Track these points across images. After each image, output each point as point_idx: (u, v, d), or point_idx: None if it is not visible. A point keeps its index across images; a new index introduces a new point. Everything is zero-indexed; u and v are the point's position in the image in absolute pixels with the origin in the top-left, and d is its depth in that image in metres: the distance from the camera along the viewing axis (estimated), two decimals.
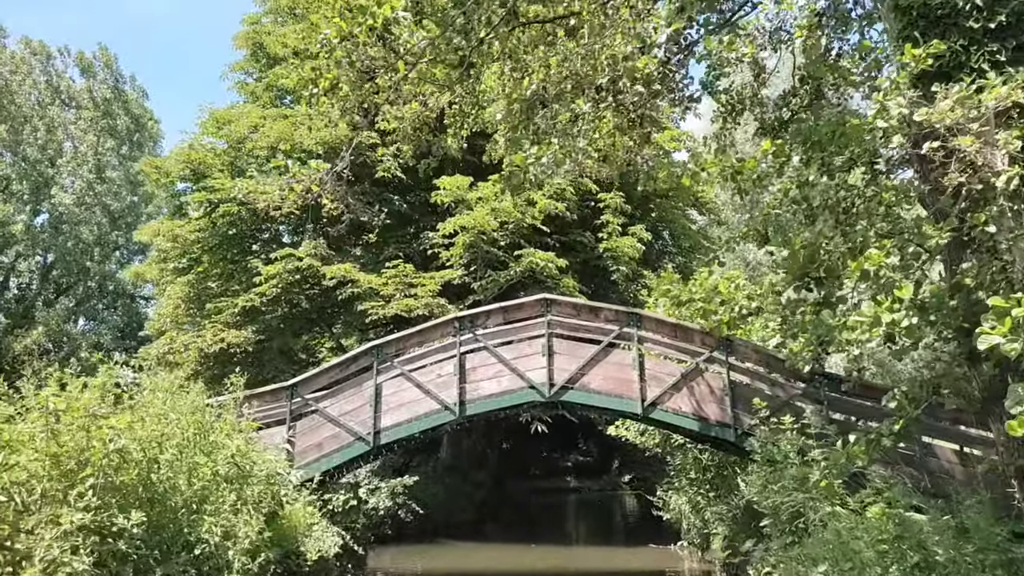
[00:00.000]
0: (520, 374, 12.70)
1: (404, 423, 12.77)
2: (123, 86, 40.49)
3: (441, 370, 12.93)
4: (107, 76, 39.61)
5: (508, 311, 13.03)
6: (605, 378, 12.63)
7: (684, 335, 12.74)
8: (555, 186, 19.89)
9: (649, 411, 12.44)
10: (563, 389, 12.63)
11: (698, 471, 16.17)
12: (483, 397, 12.75)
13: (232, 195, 20.43)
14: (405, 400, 12.87)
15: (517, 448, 43.55)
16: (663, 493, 19.29)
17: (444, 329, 13.13)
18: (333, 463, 12.73)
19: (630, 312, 12.82)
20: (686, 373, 12.47)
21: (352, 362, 13.14)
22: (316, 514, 12.33)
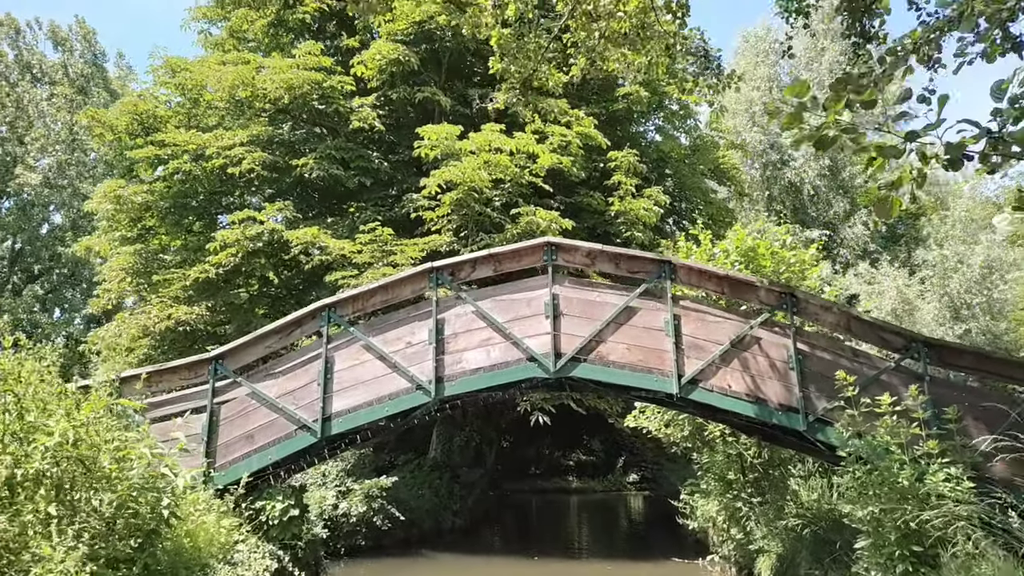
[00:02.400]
0: (516, 342, 9.31)
1: (363, 407, 9.36)
2: (104, 63, 37.22)
3: (412, 337, 9.53)
4: (85, 50, 36.32)
5: (500, 259, 9.62)
6: (629, 347, 9.23)
7: (734, 289, 9.32)
8: (559, 136, 16.50)
9: (687, 390, 9.03)
10: (573, 362, 9.23)
11: (737, 471, 12.73)
12: (467, 372, 9.35)
13: (184, 149, 17.07)
14: (364, 377, 9.46)
15: (517, 445, 40.25)
16: (688, 497, 15.85)
17: (416, 283, 9.72)
18: (268, 459, 9.32)
19: (661, 260, 9.40)
20: (737, 340, 9.06)
21: (295, 327, 9.73)
22: (241, 529, 8.92)
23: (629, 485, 38.69)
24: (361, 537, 15.79)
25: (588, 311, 9.38)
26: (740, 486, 12.43)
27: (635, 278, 9.62)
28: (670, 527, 22.47)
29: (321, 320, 9.63)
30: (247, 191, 19.46)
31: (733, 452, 12.14)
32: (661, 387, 9.11)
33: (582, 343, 9.21)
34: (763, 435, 10.63)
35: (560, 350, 9.26)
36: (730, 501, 12.61)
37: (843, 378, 8.12)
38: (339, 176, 17.00)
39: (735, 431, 12.24)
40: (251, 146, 17.18)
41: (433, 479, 20.14)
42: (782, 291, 9.17)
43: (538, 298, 9.49)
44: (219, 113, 18.52)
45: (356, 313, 9.69)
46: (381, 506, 16.07)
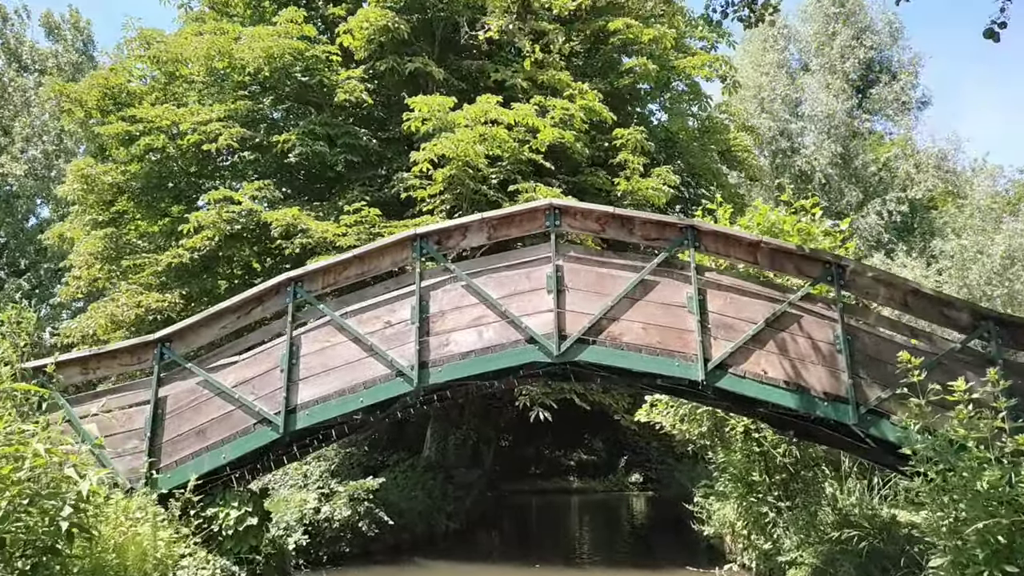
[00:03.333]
0: (513, 321, 7.82)
1: (333, 397, 7.86)
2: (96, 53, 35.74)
3: (392, 316, 8.03)
4: (76, 39, 34.89)
5: (495, 224, 8.13)
6: (646, 326, 7.73)
7: (769, 258, 7.83)
8: (561, 110, 15.02)
9: (715, 377, 7.54)
10: (580, 344, 7.74)
11: (762, 471, 11.24)
12: (456, 357, 7.85)
13: (157, 126, 15.61)
14: (336, 362, 7.96)
15: (516, 444, 38.76)
16: (702, 499, 14.34)
17: (397, 253, 8.22)
18: (221, 459, 7.83)
19: (683, 225, 7.91)
20: (773, 318, 7.57)
21: (255, 304, 8.23)
22: (188, 541, 7.42)
23: (631, 485, 37.27)
24: (346, 543, 14.27)
25: (597, 285, 7.89)
26: (765, 488, 10.93)
27: (653, 246, 8.13)
28: (678, 531, 20.93)
29: (286, 296, 8.14)
30: (231, 176, 17.99)
31: (758, 450, 10.63)
32: (684, 373, 7.61)
33: (591, 322, 7.72)
34: (798, 430, 9.13)
35: (564, 330, 7.77)
36: (753, 505, 11.11)
37: (906, 360, 6.63)
38: (323, 154, 15.50)
39: (760, 426, 10.75)
40: (229, 121, 15.70)
41: (427, 480, 18.62)
42: (827, 260, 7.68)
43: (539, 270, 8.00)
44: (196, 88, 17.04)
45: (327, 288, 8.20)
46: (368, 510, 14.56)
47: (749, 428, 10.64)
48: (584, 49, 17.93)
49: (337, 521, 14.17)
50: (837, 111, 27.25)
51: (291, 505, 14.11)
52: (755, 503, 11.11)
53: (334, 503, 14.42)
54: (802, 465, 10.32)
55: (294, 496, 14.39)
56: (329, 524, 14.15)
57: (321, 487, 14.62)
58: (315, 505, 14.16)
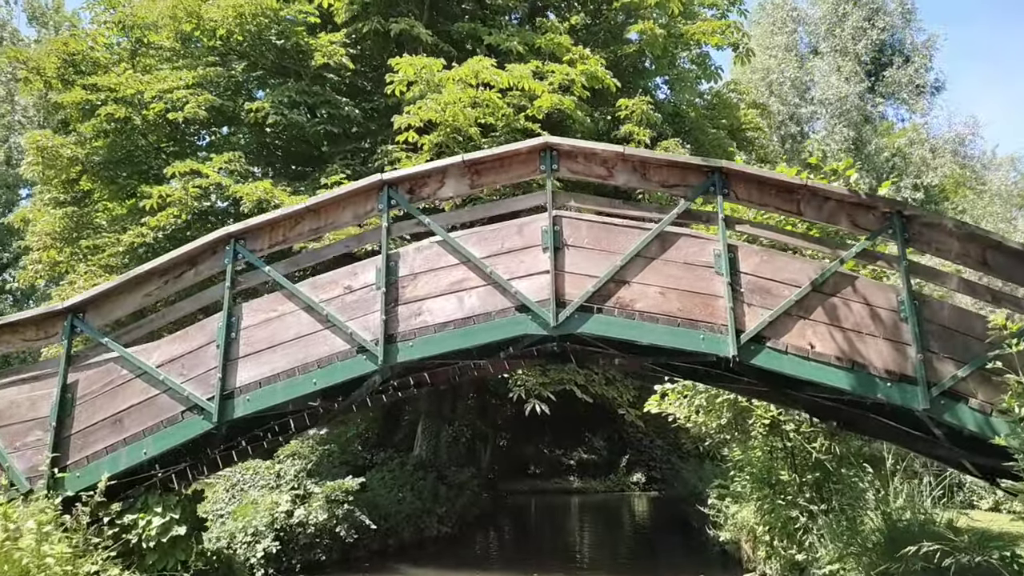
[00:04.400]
0: (501, 284, 6.28)
1: (281, 378, 6.32)
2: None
3: (353, 280, 6.49)
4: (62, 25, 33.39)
5: (479, 169, 6.57)
6: (664, 291, 6.19)
7: (816, 206, 6.28)
8: (561, 75, 13.49)
9: (750, 352, 6.00)
10: (582, 312, 6.19)
11: (792, 470, 9.69)
12: (431, 328, 6.30)
13: (121, 96, 14.10)
14: (284, 336, 6.42)
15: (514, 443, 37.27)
16: (717, 501, 12.80)
17: (359, 204, 6.66)
18: (142, 454, 6.28)
19: (710, 167, 6.35)
20: (821, 280, 6.03)
21: (187, 266, 6.69)
22: (95, 556, 5.87)
23: (633, 485, 35.77)
24: (322, 550, 12.73)
25: (604, 241, 6.35)
26: (796, 489, 9.38)
27: (672, 194, 6.60)
28: (686, 534, 19.34)
29: (224, 256, 6.60)
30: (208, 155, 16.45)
31: (787, 445, 9.09)
32: (711, 348, 6.06)
33: (596, 286, 6.18)
34: (842, 420, 7.57)
35: (564, 296, 6.23)
36: (780, 508, 9.56)
37: (999, 326, 5.11)
38: (301, 124, 13.99)
39: (790, 416, 9.21)
40: (197, 90, 14.19)
41: (416, 480, 17.07)
42: (888, 209, 6.14)
43: (533, 224, 6.46)
44: (165, 55, 15.52)
45: (275, 247, 6.66)
46: (347, 513, 13.02)
47: (777, 419, 9.10)
48: (587, 13, 16.44)
49: (312, 526, 12.63)
50: (849, 94, 25.73)
51: (260, 508, 12.58)
52: (782, 506, 9.56)
53: (310, 506, 12.88)
54: (843, 462, 8.77)
55: (265, 498, 12.86)
56: (303, 529, 12.62)
57: (295, 488, 13.08)
58: (288, 508, 12.63)
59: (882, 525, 7.97)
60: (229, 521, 12.40)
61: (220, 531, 12.17)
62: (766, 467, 10.98)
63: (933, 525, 7.81)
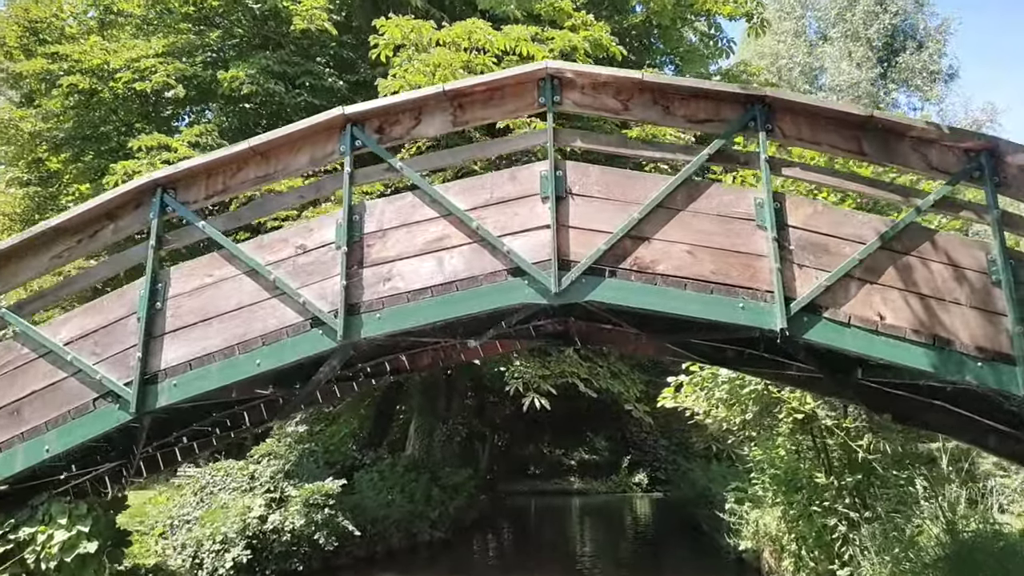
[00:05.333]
0: (491, 242, 4.98)
1: (216, 357, 5.02)
2: None
3: (307, 238, 5.20)
4: None
5: (464, 102, 5.27)
6: (693, 249, 4.89)
7: (882, 143, 4.98)
8: (562, 42, 12.18)
9: (802, 325, 4.70)
10: (591, 277, 4.90)
11: (827, 469, 8.39)
12: (403, 296, 5.00)
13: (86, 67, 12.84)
14: (222, 307, 5.13)
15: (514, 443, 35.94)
16: (736, 505, 11.49)
17: (317, 145, 5.35)
18: (43, 452, 4.98)
19: (748, 96, 5.06)
20: (892, 236, 4.74)
21: (105, 221, 5.39)
22: None
23: (635, 486, 34.49)
24: (299, 559, 11.43)
25: (618, 188, 5.06)
26: (833, 493, 8.07)
27: (702, 131, 5.32)
28: (695, 539, 18.00)
29: (150, 209, 5.31)
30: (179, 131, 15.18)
31: (828, 442, 7.79)
32: (753, 319, 4.76)
33: (608, 243, 4.89)
34: (900, 412, 6.26)
35: (568, 256, 4.94)
36: (814, 514, 8.25)
37: None
38: (279, 95, 12.72)
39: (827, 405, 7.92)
40: (168, 59, 12.93)
41: (408, 481, 15.76)
42: (975, 144, 4.84)
43: (530, 169, 5.17)
44: (136, 22, 14.24)
45: (212, 198, 5.36)
46: (328, 518, 11.71)
47: (813, 413, 7.79)
48: None
49: (288, 532, 11.33)
50: (860, 81, 24.43)
51: (231, 513, 11.29)
52: (818, 512, 8.25)
53: (286, 510, 11.59)
54: (895, 463, 7.47)
55: (236, 502, 11.57)
56: (278, 536, 11.31)
57: (271, 491, 11.78)
58: (261, 512, 11.33)
59: (943, 536, 6.67)
60: (196, 527, 11.11)
61: (186, 538, 10.89)
62: (791, 468, 9.70)
63: (1003, 537, 6.52)
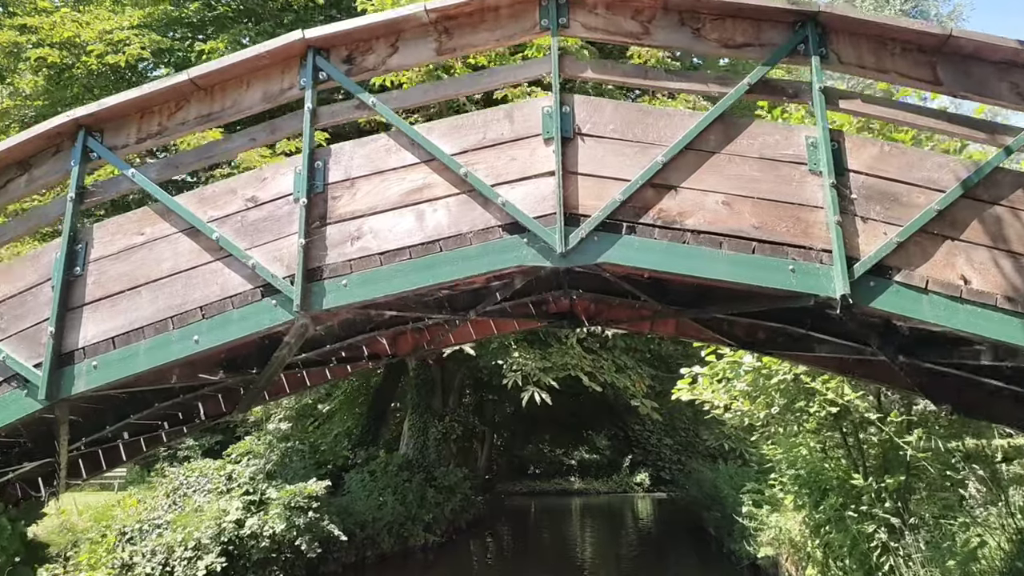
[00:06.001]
0: (482, 193, 4.04)
1: (145, 333, 4.08)
2: None
3: (259, 189, 4.25)
4: None
5: (451, 26, 4.28)
6: (731, 199, 3.95)
7: (963, 71, 4.04)
8: None
9: (868, 292, 3.75)
10: (605, 233, 3.95)
11: (864, 469, 7.43)
12: (375, 257, 4.05)
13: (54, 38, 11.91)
14: (153, 272, 4.18)
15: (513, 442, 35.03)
16: (754, 509, 10.53)
17: (273, 77, 4.36)
18: None
19: (797, 13, 4.12)
20: (976, 181, 3.80)
21: (15, 172, 4.44)
22: None
23: (636, 486, 33.59)
24: (279, 567, 10.46)
25: (638, 127, 4.11)
26: (872, 497, 7.11)
27: (740, 57, 4.39)
28: (702, 541, 17.05)
29: (71, 155, 4.36)
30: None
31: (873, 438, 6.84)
32: (807, 285, 3.81)
33: (626, 192, 3.94)
34: (959, 401, 5.30)
35: (577, 208, 4.00)
36: (852, 521, 7.29)
37: None
38: None
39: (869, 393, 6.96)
40: (143, 31, 12.00)
41: (400, 482, 14.81)
42: None
43: (530, 106, 4.23)
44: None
45: (146, 141, 4.41)
46: (311, 522, 10.76)
47: (851, 404, 6.83)
48: None
49: (267, 537, 10.38)
50: None
51: (206, 517, 10.34)
52: (852, 517, 7.29)
53: (266, 514, 10.64)
54: (943, 461, 6.52)
55: (211, 505, 10.62)
56: (256, 542, 10.36)
57: (249, 492, 10.82)
58: (238, 516, 10.38)
59: (1008, 547, 5.72)
60: (167, 532, 10.16)
61: (156, 543, 9.94)
62: (815, 468, 8.75)
63: None
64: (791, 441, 9.42)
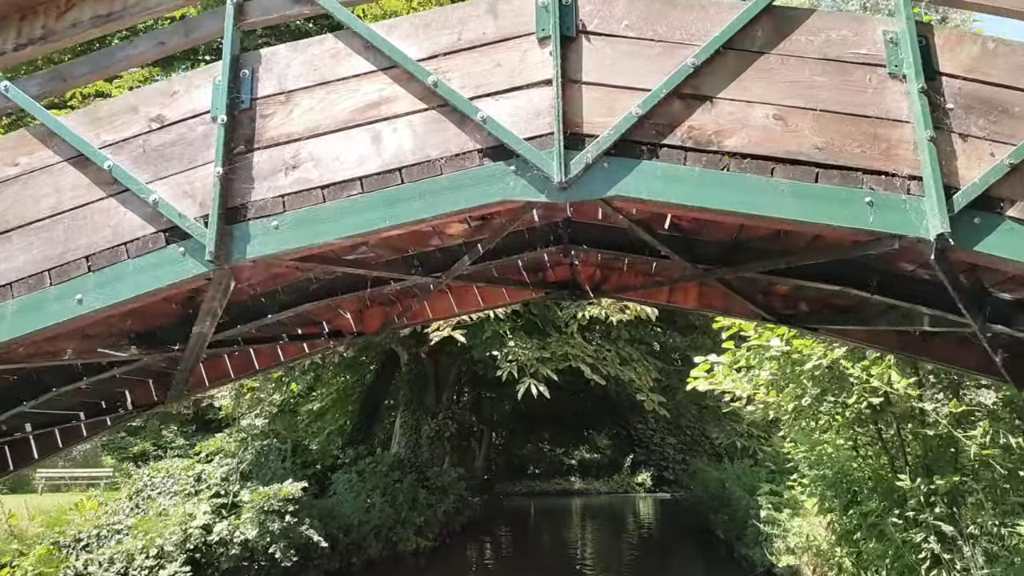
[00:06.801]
0: (457, 108, 3.04)
1: (13, 291, 3.09)
2: None
3: (168, 105, 3.26)
4: None
5: None
6: (784, 112, 2.95)
7: None
8: None
9: (971, 231, 2.75)
10: (618, 159, 2.95)
11: (909, 469, 6.43)
12: (317, 191, 3.06)
13: None
14: (28, 212, 3.19)
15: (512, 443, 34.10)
16: (775, 514, 9.52)
17: None
18: None
19: None
20: None
21: None
22: None
23: (638, 486, 32.68)
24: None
25: (659, 24, 3.11)
26: (921, 500, 6.11)
27: None
28: (708, 544, 16.07)
29: None
30: None
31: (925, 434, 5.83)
32: (889, 223, 2.82)
33: (646, 105, 2.95)
34: None
35: (580, 126, 3.01)
36: (895, 529, 6.28)
37: None
38: None
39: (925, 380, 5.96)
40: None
41: (390, 483, 13.80)
42: None
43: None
44: None
45: (25, 48, 3.42)
46: (287, 527, 9.76)
47: (897, 392, 5.82)
48: None
49: (238, 545, 9.38)
50: None
51: (171, 521, 9.34)
52: (896, 524, 6.29)
53: (238, 518, 9.64)
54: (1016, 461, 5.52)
55: (177, 508, 9.62)
56: (226, 549, 9.36)
57: (219, 495, 9.83)
58: (205, 521, 9.38)
59: None
60: (128, 538, 9.17)
61: (115, 551, 8.94)
62: (844, 467, 7.76)
63: None
64: (815, 438, 8.43)
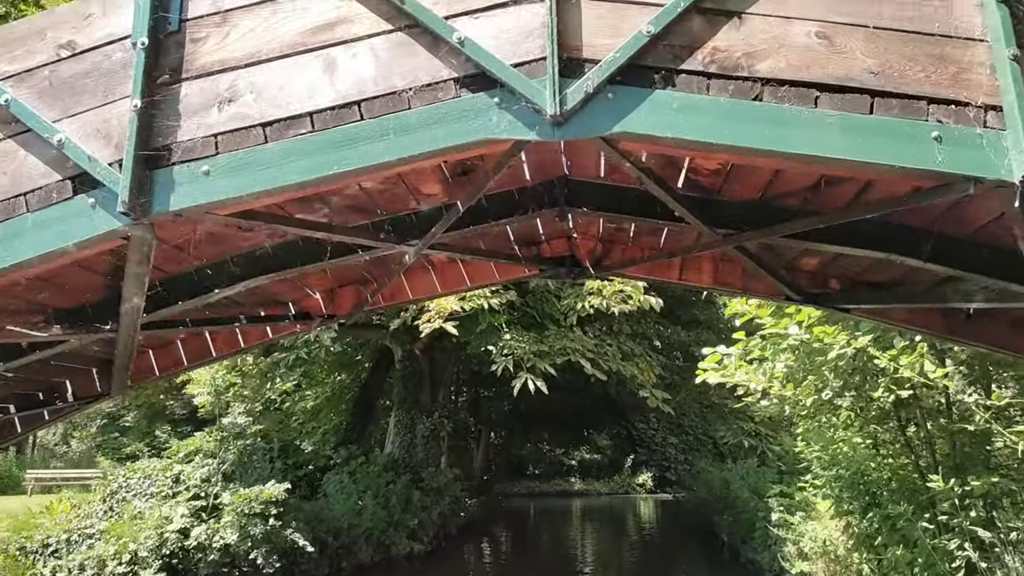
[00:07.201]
0: (427, 28, 2.47)
1: None
2: None
3: (80, 30, 2.69)
4: None
5: None
6: (828, 30, 2.39)
7: None
8: None
9: None
10: (625, 88, 2.39)
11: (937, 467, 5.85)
12: (257, 130, 2.50)
13: None
14: None
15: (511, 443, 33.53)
16: (787, 516, 8.94)
17: None
18: None
19: None
20: None
21: None
22: None
23: (639, 487, 32.14)
24: None
25: None
26: (956, 503, 5.54)
27: None
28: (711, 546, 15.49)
29: None
30: None
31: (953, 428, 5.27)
32: (962, 162, 2.25)
33: (658, 23, 2.38)
34: None
35: (577, 49, 2.44)
36: (926, 534, 5.71)
37: None
38: None
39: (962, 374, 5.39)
40: None
41: (382, 484, 13.22)
42: None
43: None
44: None
45: None
46: (270, 531, 9.19)
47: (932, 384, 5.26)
48: None
49: (217, 549, 8.81)
50: None
51: (146, 525, 8.77)
52: (927, 529, 5.72)
53: (217, 522, 9.08)
54: None
55: (153, 511, 9.05)
56: (204, 554, 8.80)
57: (198, 497, 9.26)
58: (183, 525, 8.82)
59: None
60: (100, 543, 8.61)
61: (85, 556, 8.38)
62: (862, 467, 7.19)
63: None
64: (829, 436, 7.86)
